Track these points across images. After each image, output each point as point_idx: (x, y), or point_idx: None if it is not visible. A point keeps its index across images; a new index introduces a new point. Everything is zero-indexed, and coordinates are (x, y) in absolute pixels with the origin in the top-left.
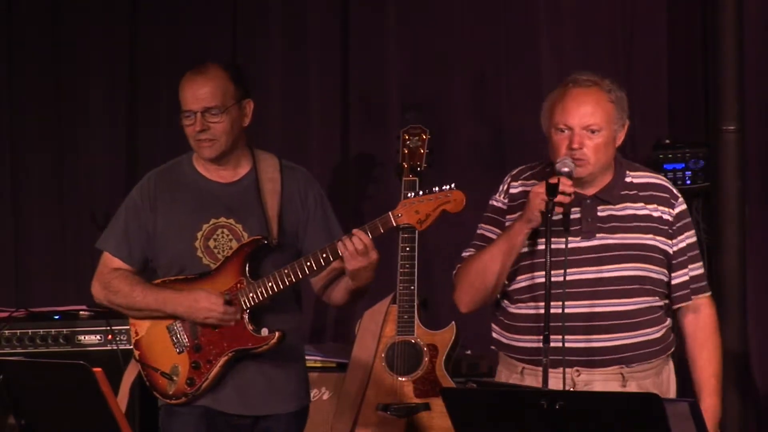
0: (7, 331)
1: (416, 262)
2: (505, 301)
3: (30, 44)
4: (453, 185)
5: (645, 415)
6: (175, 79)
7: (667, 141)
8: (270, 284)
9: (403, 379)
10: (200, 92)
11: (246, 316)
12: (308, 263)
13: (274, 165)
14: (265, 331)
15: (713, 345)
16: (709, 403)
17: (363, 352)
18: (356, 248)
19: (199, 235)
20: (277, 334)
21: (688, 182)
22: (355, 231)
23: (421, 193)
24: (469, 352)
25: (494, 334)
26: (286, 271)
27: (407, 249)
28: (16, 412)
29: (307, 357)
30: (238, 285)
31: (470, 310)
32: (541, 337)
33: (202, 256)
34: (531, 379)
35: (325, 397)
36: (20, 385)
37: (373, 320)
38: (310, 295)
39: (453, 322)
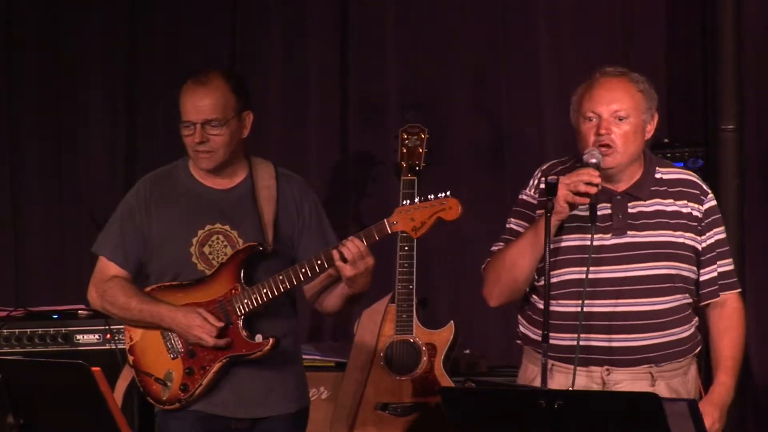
0: (5, 331)
1: (414, 262)
2: (534, 297)
3: (30, 44)
4: (449, 192)
5: (644, 415)
6: (175, 79)
7: (666, 140)
8: (265, 291)
9: (402, 378)
10: (201, 104)
11: (240, 323)
12: (303, 270)
13: (269, 172)
14: (259, 338)
15: (736, 332)
16: (722, 380)
17: (362, 352)
18: (352, 255)
19: (194, 240)
20: (271, 340)
21: None
22: (350, 238)
23: (417, 200)
24: (467, 351)
25: (521, 329)
26: (280, 277)
27: (405, 248)
28: (14, 412)
29: (305, 356)
30: (233, 291)
31: (499, 304)
32: (572, 335)
33: (196, 262)
34: (560, 376)
35: (324, 396)
36: (19, 385)
37: (371, 319)
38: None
39: (452, 322)
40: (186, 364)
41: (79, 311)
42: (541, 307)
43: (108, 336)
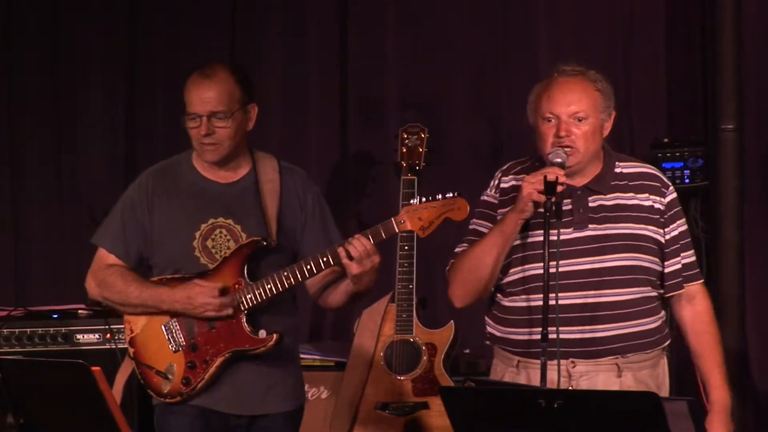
0: (5, 330)
1: (415, 261)
2: (499, 295)
3: (29, 44)
4: (457, 193)
5: (644, 414)
6: (174, 79)
7: (666, 140)
8: (269, 286)
9: (402, 377)
10: (207, 96)
11: (244, 317)
12: (308, 266)
13: (273, 166)
14: (263, 333)
15: (713, 335)
16: (717, 396)
17: (362, 351)
18: (358, 253)
19: (197, 234)
20: (275, 336)
21: (687, 181)
22: (356, 236)
23: (424, 199)
24: (467, 351)
25: (488, 328)
26: (285, 273)
27: (406, 248)
28: (14, 411)
29: (305, 356)
30: (236, 286)
31: (465, 305)
32: (535, 329)
33: (199, 255)
34: (528, 372)
35: (324, 395)
36: (19, 384)
37: (371, 319)
38: (308, 295)
39: (452, 321)
40: (188, 357)
41: (79, 311)
42: (507, 304)
43: (108, 336)
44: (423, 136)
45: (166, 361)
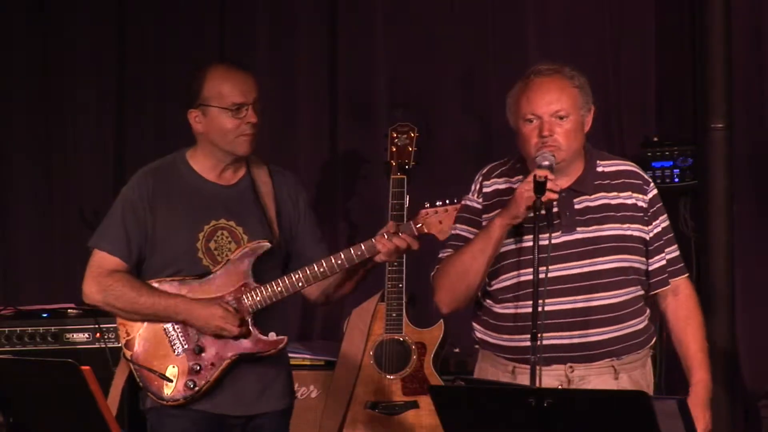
0: None
1: (404, 260)
2: (489, 301)
3: (17, 42)
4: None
5: (634, 413)
6: (163, 79)
7: (656, 139)
8: (279, 289)
9: (392, 377)
10: (249, 86)
11: (250, 320)
12: (321, 269)
13: (264, 169)
14: (272, 335)
15: (696, 321)
16: (699, 377)
17: (351, 350)
18: (387, 249)
19: (200, 236)
20: (285, 338)
21: (677, 180)
22: (377, 238)
23: (439, 203)
24: (457, 350)
25: (478, 334)
26: (296, 276)
27: None
28: (4, 410)
29: (295, 355)
30: (242, 288)
31: (452, 310)
32: (529, 335)
33: (202, 257)
34: (524, 377)
35: (314, 395)
36: (9, 383)
37: (361, 318)
38: (297, 294)
39: (441, 320)
40: (192, 360)
41: (69, 310)
42: (499, 311)
43: (98, 335)
44: (413, 135)
45: (168, 363)
